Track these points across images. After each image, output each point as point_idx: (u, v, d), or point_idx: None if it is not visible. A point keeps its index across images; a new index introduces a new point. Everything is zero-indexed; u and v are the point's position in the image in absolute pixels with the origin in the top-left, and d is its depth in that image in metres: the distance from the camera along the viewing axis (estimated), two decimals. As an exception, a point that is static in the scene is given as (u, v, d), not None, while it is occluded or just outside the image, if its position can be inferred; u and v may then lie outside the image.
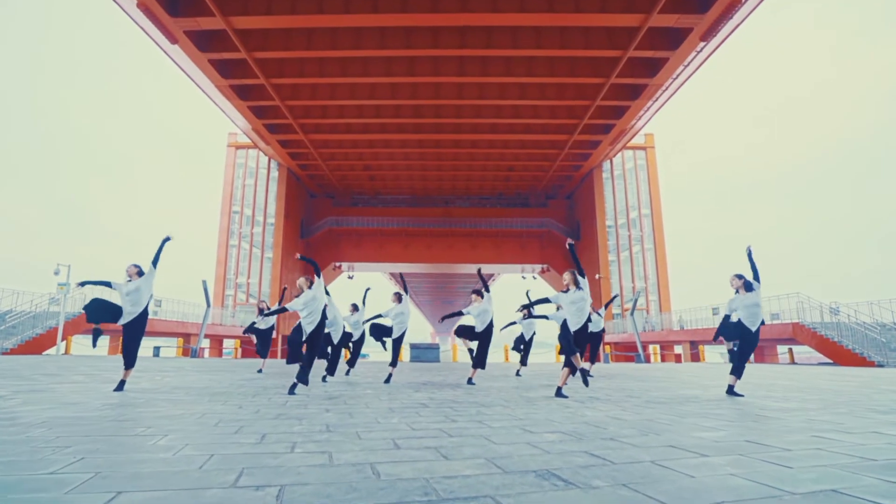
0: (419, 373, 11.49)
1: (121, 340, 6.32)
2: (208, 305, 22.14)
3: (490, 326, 8.09)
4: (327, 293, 7.80)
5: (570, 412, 4.81)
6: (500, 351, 22.94)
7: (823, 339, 18.57)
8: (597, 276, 35.25)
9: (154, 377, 8.75)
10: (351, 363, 9.79)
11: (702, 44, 22.61)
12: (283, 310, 6.64)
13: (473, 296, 8.35)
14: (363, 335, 9.58)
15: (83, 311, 23.54)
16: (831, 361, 18.70)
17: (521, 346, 10.82)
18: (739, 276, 6.56)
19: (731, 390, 6.56)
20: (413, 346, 18.63)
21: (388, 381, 8.46)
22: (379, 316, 8.66)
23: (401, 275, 11.85)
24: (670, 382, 9.23)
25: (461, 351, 24.90)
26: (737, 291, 6.56)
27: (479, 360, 8.29)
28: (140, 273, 6.34)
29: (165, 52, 25.88)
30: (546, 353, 24.62)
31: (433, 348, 18.68)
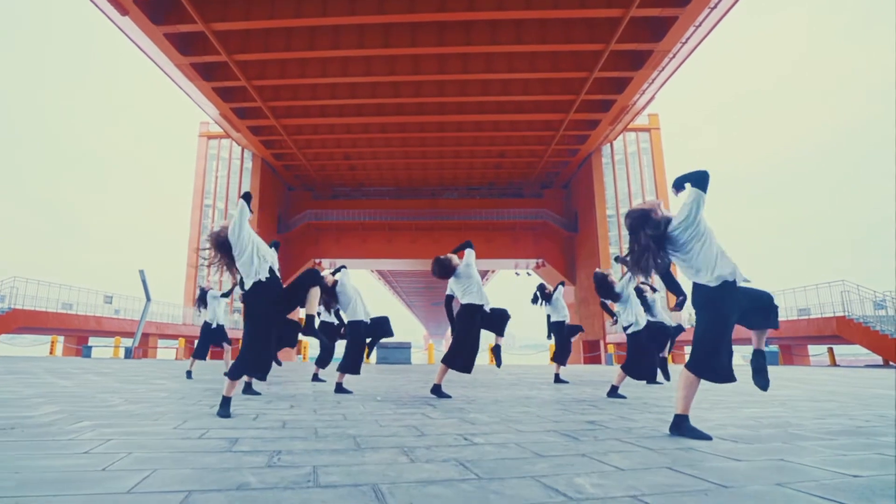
0: (378, 379, 8.45)
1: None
2: (148, 299, 19.35)
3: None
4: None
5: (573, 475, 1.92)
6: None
7: (880, 337, 15.47)
8: (596, 271, 32.20)
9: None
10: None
11: (715, -1, 19.83)
12: None
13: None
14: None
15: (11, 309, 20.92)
16: (882, 362, 15.77)
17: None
18: None
19: None
20: (380, 346, 15.70)
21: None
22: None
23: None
24: (730, 395, 6.34)
25: (437, 352, 21.92)
26: None
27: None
28: None
29: (120, 28, 23.30)
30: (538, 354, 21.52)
31: (403, 348, 15.75)
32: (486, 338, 6.29)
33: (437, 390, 5.08)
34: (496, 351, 5.36)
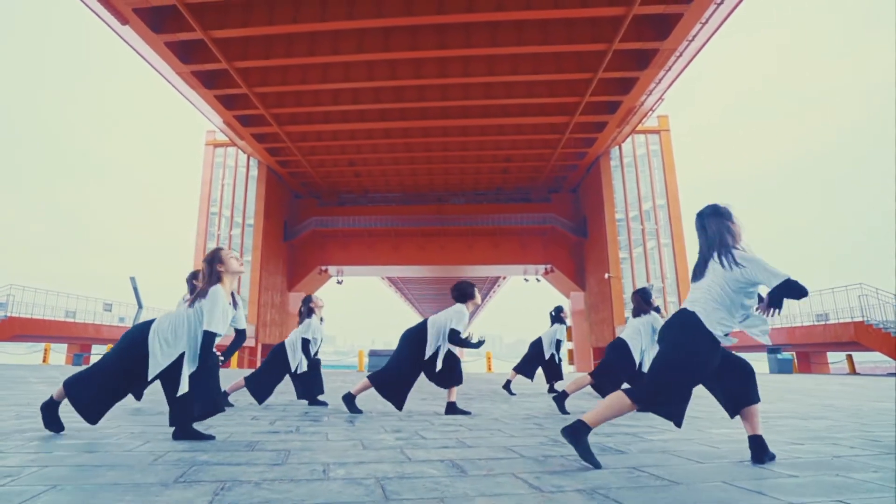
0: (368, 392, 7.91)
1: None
2: (139, 307, 19.13)
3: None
4: None
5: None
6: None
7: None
8: (606, 276, 31.43)
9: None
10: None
11: (723, -7, 19.15)
12: None
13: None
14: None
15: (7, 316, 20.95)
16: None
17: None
18: None
19: None
20: (372, 354, 15.18)
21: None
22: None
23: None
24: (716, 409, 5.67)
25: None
26: None
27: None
28: None
29: (121, 36, 23.39)
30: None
31: (396, 357, 15.16)
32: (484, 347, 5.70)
33: (452, 408, 4.61)
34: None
